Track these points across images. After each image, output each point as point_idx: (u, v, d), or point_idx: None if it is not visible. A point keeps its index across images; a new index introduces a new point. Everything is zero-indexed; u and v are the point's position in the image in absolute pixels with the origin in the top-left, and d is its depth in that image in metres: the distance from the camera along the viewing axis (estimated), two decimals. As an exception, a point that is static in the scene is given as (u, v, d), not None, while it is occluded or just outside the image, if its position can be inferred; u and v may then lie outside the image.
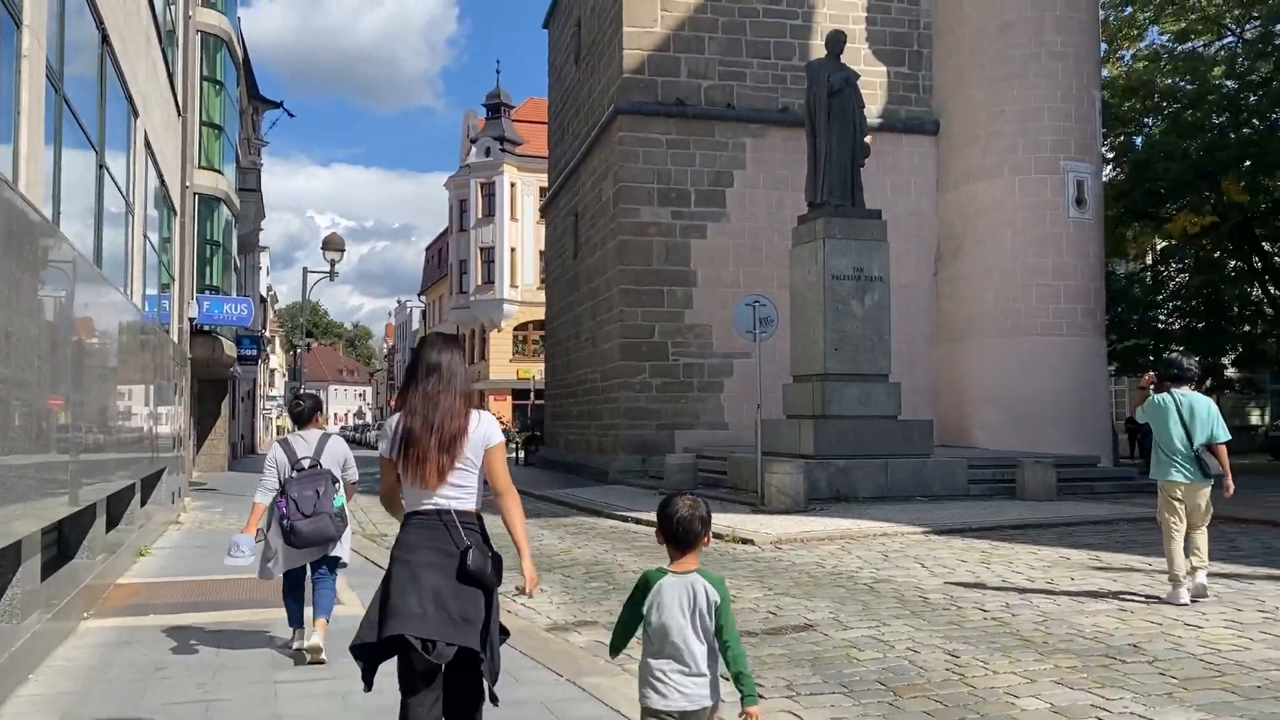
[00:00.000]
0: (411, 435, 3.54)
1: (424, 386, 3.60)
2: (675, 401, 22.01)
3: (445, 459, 3.52)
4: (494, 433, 3.70)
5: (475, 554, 3.46)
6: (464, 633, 3.43)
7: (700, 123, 22.40)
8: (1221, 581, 8.78)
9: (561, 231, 29.54)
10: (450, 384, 3.62)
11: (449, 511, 3.53)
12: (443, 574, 3.45)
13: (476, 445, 3.60)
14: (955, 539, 12.08)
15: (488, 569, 3.49)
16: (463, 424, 3.57)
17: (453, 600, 3.43)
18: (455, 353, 3.71)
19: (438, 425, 3.53)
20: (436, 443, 3.52)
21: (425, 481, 3.51)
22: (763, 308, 15.39)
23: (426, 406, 3.57)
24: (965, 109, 22.66)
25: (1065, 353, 21.41)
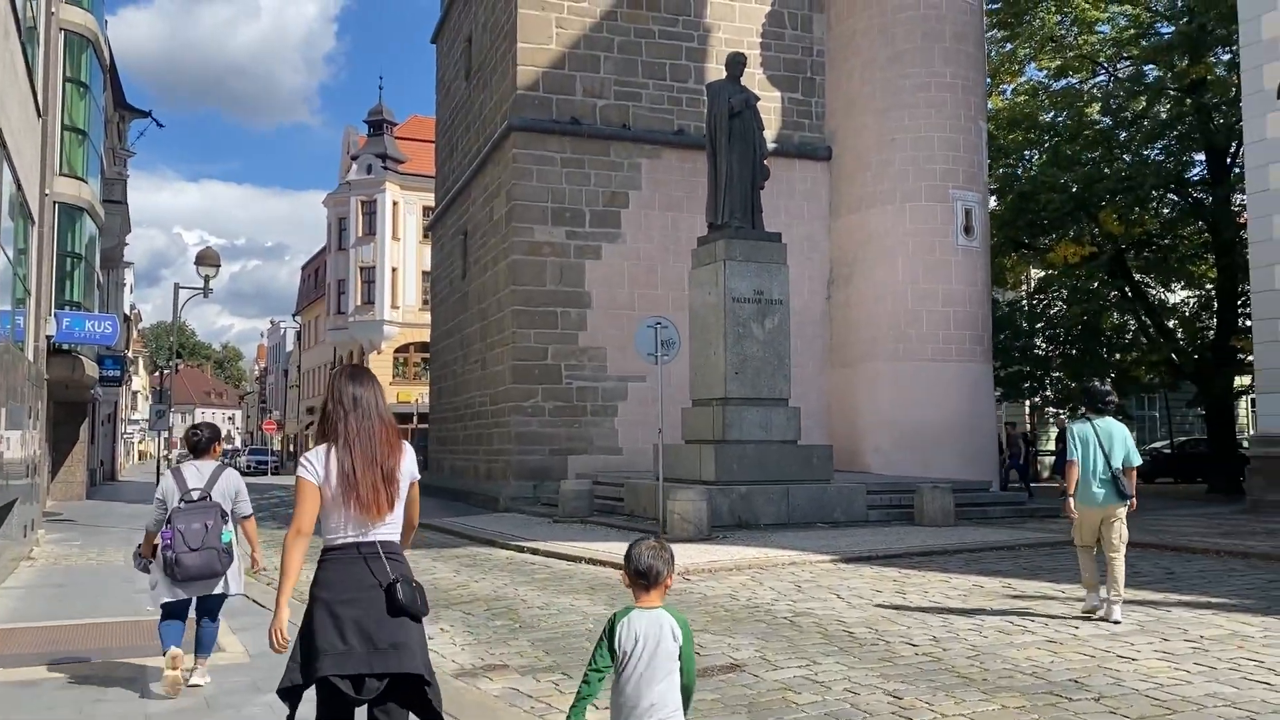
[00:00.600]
0: (352, 471, 3.51)
1: (355, 419, 3.58)
2: (569, 426, 21.45)
3: (392, 493, 3.56)
4: (415, 468, 3.75)
5: (403, 586, 3.47)
6: (397, 658, 3.43)
7: (595, 142, 22.03)
8: (1139, 609, 8.70)
9: (449, 250, 28.73)
10: (382, 416, 3.64)
11: (373, 544, 3.53)
12: (365, 607, 3.43)
13: (405, 478, 3.66)
14: (864, 567, 11.85)
15: (416, 600, 3.50)
16: (398, 458, 3.61)
17: (379, 630, 3.42)
18: (375, 383, 3.72)
19: (380, 461, 3.55)
20: (381, 478, 3.54)
21: (367, 517, 3.51)
22: (665, 330, 15.02)
23: (363, 439, 3.56)
24: (857, 136, 22.88)
25: (955, 378, 21.70)
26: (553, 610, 9.42)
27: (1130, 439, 8.60)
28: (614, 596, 10.07)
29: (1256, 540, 13.46)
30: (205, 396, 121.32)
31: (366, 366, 4.30)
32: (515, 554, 14.12)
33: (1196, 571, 10.98)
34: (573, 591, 10.53)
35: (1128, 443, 8.46)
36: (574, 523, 17.08)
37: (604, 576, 11.56)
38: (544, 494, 20.58)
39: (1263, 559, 11.74)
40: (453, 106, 29.09)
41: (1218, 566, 11.35)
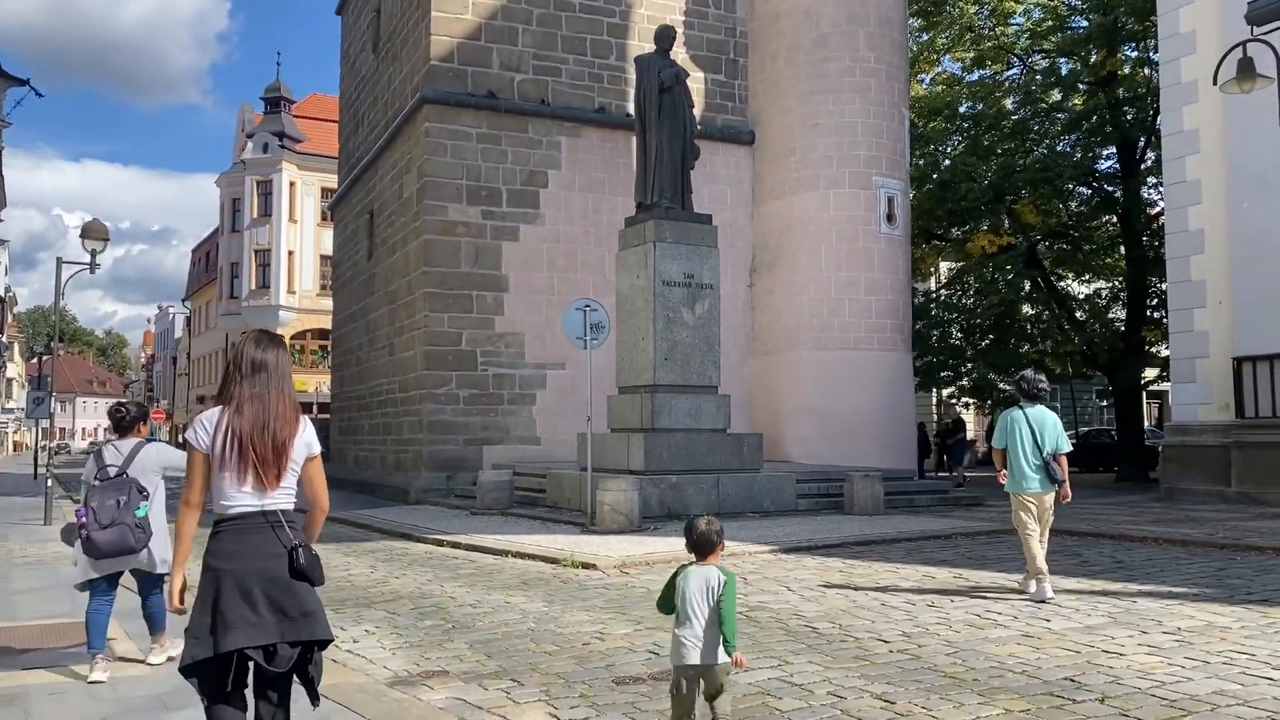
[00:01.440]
0: (243, 436, 3.46)
1: (250, 385, 3.53)
2: (484, 415, 20.59)
3: (283, 461, 3.51)
4: (315, 441, 3.68)
5: (303, 551, 3.47)
6: (310, 626, 3.42)
7: (513, 118, 21.16)
8: (1103, 600, 8.38)
9: (354, 231, 27.48)
10: (280, 384, 3.58)
11: (275, 512, 3.50)
12: (272, 575, 3.40)
13: (301, 450, 3.61)
14: (806, 558, 11.39)
15: (316, 566, 3.51)
16: (294, 428, 3.56)
17: (288, 599, 3.40)
18: (282, 352, 3.66)
19: (272, 427, 3.49)
20: (271, 445, 3.48)
21: (261, 483, 3.47)
22: (594, 312, 14.34)
23: (256, 406, 3.50)
24: (781, 120, 22.51)
25: (877, 367, 21.52)
26: (486, 608, 8.68)
27: (1060, 426, 8.84)
28: (550, 593, 9.38)
29: (1189, 528, 13.45)
30: (87, 385, 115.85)
31: (277, 334, 3.89)
32: (435, 548, 13.28)
33: (1143, 560, 10.79)
34: (504, 588, 9.79)
35: (1058, 430, 8.71)
36: (494, 515, 16.29)
37: (535, 571, 10.84)
38: (458, 486, 19.70)
39: (1201, 546, 11.65)
40: (359, 80, 27.81)
41: (1161, 555, 11.20)
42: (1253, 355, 17.94)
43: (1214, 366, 18.84)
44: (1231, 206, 18.41)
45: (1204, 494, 18.54)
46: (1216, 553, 11.25)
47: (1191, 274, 19.27)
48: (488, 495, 16.64)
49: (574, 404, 20.93)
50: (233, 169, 55.79)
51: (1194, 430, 19.11)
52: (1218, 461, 18.52)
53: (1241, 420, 18.12)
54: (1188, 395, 19.40)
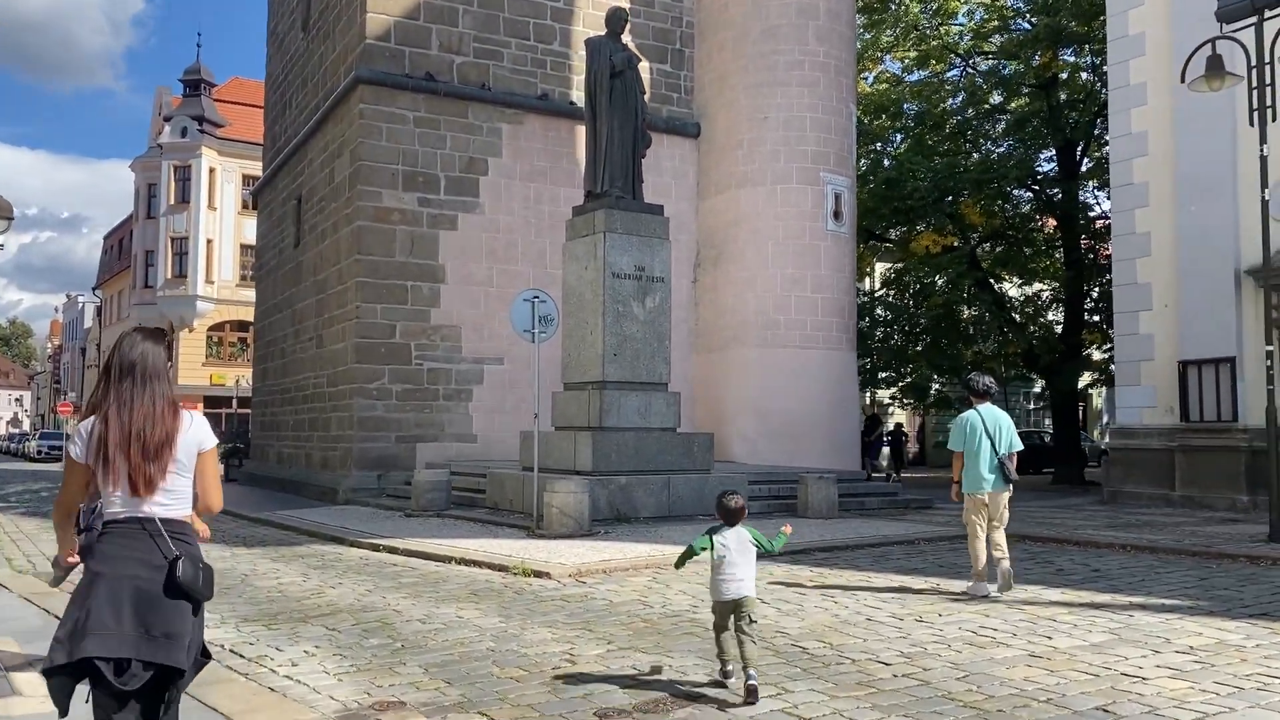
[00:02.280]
0: (109, 444, 3.32)
1: (118, 388, 3.39)
2: (418, 411, 19.66)
3: (153, 468, 3.33)
4: (207, 437, 3.51)
5: (185, 564, 3.27)
6: (166, 649, 3.24)
7: (452, 102, 20.27)
8: (1097, 613, 7.94)
9: (280, 217, 26.24)
10: (148, 384, 3.40)
11: (153, 520, 3.34)
12: (146, 587, 3.25)
13: (189, 448, 3.44)
14: (770, 565, 10.79)
15: (199, 581, 3.31)
16: (170, 428, 3.38)
17: (155, 616, 3.23)
18: (154, 348, 3.48)
19: (137, 432, 3.33)
20: (140, 450, 3.32)
21: (136, 491, 3.32)
22: (543, 304, 13.59)
23: (124, 412, 3.36)
24: (728, 113, 21.97)
25: (822, 366, 21.12)
26: (437, 624, 7.91)
27: (1013, 426, 9.05)
28: (504, 605, 8.64)
29: (1147, 533, 13.22)
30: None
31: (156, 329, 3.71)
32: (370, 553, 12.41)
33: (1119, 568, 10.44)
34: (454, 599, 9.02)
35: (1012, 430, 8.91)
36: (429, 517, 15.43)
37: (483, 580, 10.08)
38: (390, 485, 18.77)
39: (1171, 553, 11.37)
40: (287, 60, 26.56)
41: (1134, 562, 10.87)
42: (1198, 359, 17.94)
43: (1159, 370, 18.82)
44: (1179, 210, 18.39)
45: (1147, 497, 18.50)
46: (1189, 560, 10.96)
47: (1137, 277, 19.24)
48: (424, 496, 15.78)
49: (512, 400, 20.15)
50: (149, 153, 53.55)
51: (1138, 434, 19.07)
52: (1162, 465, 18.50)
53: (1186, 424, 18.10)
54: (1132, 398, 19.36)
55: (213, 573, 3.40)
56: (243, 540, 14.19)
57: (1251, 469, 17.20)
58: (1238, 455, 17.32)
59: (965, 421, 8.86)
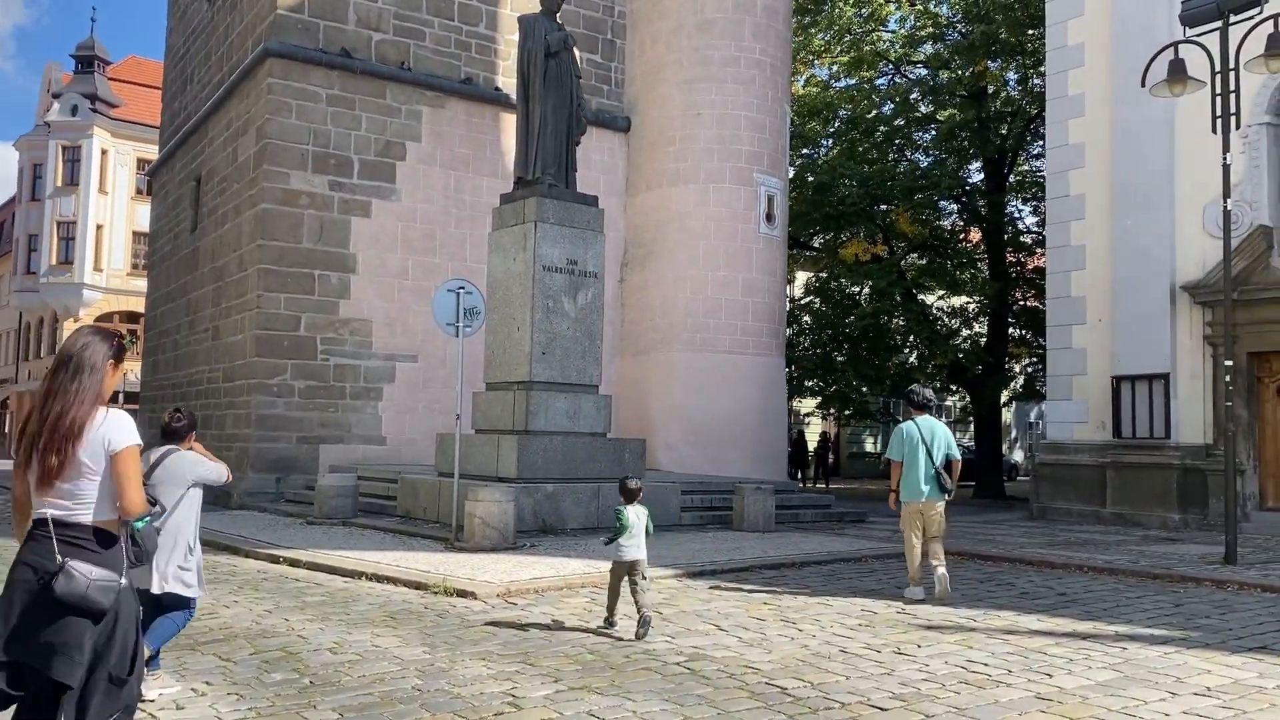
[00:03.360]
0: (28, 434, 3.28)
1: (52, 379, 3.34)
2: (322, 410, 18.29)
3: (53, 460, 3.22)
4: (119, 435, 3.31)
5: (63, 578, 3.09)
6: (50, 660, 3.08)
7: (369, 81, 18.98)
8: (1090, 645, 7.24)
9: (176, 200, 24.49)
10: (78, 377, 3.32)
11: (46, 522, 3.22)
12: (34, 592, 3.13)
13: (94, 448, 3.27)
14: (718, 585, 9.93)
15: (83, 591, 3.10)
16: (79, 421, 3.25)
17: (42, 623, 3.10)
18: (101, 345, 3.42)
19: (51, 423, 3.23)
20: (46, 443, 3.21)
21: (36, 486, 3.26)
22: (469, 295, 12.50)
23: (48, 401, 3.29)
24: (660, 108, 21.13)
25: (752, 372, 20.41)
26: (350, 654, 6.81)
27: (950, 435, 9.24)
28: (427, 631, 7.57)
29: (1098, 552, 12.73)
30: None
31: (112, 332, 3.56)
32: (269, 565, 11.15)
33: (1084, 591, 9.83)
34: (368, 623, 7.90)
35: (949, 439, 9.10)
36: (334, 525, 14.17)
37: (399, 599, 8.97)
38: (289, 490, 17.39)
39: (1132, 575, 10.83)
40: (189, 32, 24.84)
41: (1096, 585, 10.28)
42: (1131, 374, 17.70)
43: (1091, 385, 18.56)
44: (1115, 224, 18.16)
45: (1077, 514, 18.21)
46: (1152, 584, 10.43)
47: (1071, 290, 18.97)
48: (328, 502, 14.49)
49: (426, 401, 18.95)
50: (35, 131, 50.35)
51: (1069, 449, 18.78)
52: (1092, 481, 18.22)
53: (1118, 440, 17.85)
54: (1063, 413, 19.07)
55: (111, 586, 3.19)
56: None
57: (1183, 487, 17.00)
58: (1169, 473, 17.10)
59: (903, 432, 9.05)
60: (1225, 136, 11.81)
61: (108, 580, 3.18)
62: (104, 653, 3.18)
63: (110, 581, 3.18)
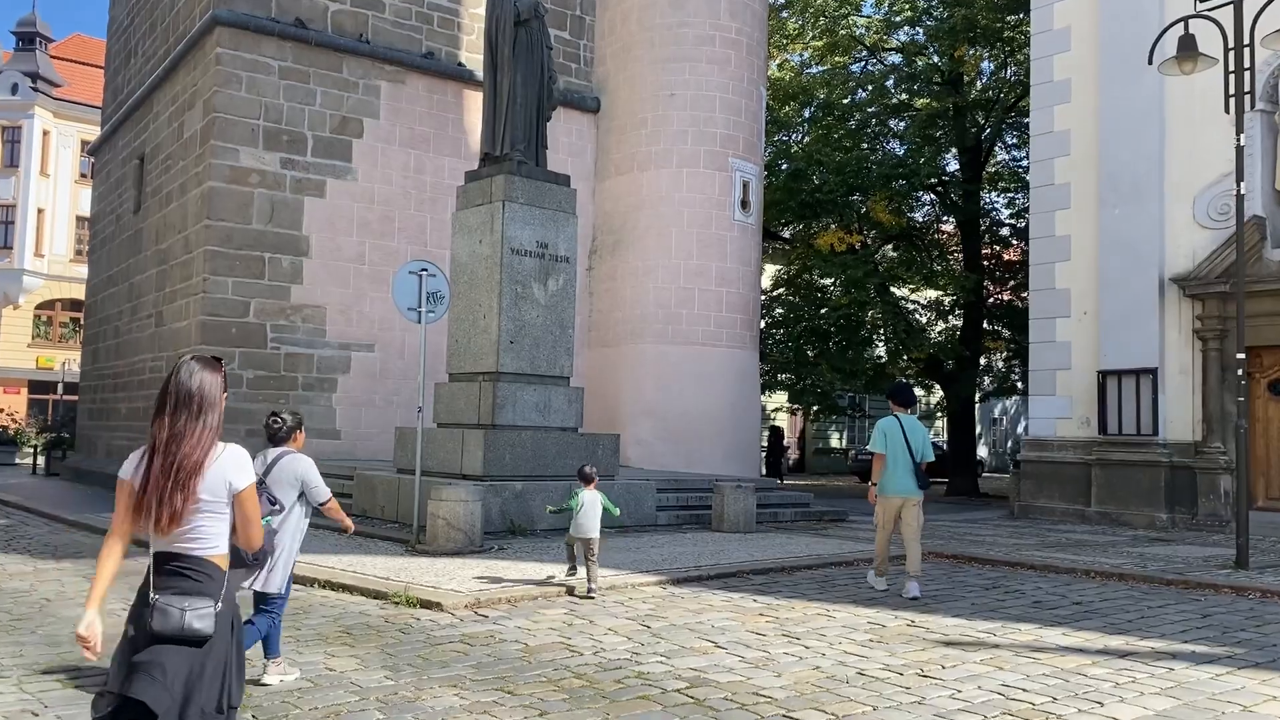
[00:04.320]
0: (151, 474, 3.21)
1: (172, 420, 3.27)
2: (272, 402, 17.13)
3: (179, 503, 3.19)
4: (240, 475, 3.33)
5: (158, 615, 3.10)
6: (137, 684, 3.06)
7: (325, 53, 17.91)
8: (1133, 666, 6.51)
9: (118, 179, 23.20)
10: (201, 417, 3.31)
11: (161, 553, 3.23)
12: (139, 623, 3.16)
13: (213, 483, 3.25)
14: (705, 592, 9.11)
15: (181, 623, 3.09)
16: (202, 462, 3.24)
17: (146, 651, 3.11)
18: (211, 380, 3.40)
19: (176, 467, 3.20)
20: (172, 488, 3.18)
21: (156, 525, 3.20)
22: (432, 278, 11.56)
23: (170, 445, 3.23)
24: (631, 88, 20.26)
25: (725, 366, 19.63)
26: (303, 680, 5.91)
27: (928, 436, 9.48)
28: (389, 650, 6.69)
29: (1097, 555, 12.09)
30: None
31: (214, 358, 3.51)
32: (210, 571, 10.13)
33: (1099, 599, 9.14)
34: (321, 640, 7.00)
35: (927, 439, 9.30)
36: (285, 524, 13.13)
37: (356, 611, 8.06)
38: (238, 485, 16.28)
39: (1141, 580, 10.17)
40: (133, 3, 23.53)
41: (1110, 592, 9.60)
42: (1118, 369, 17.15)
43: (1075, 380, 18.00)
44: (1102, 213, 17.60)
45: (1061, 513, 17.65)
46: (1167, 590, 9.77)
47: (1056, 282, 18.40)
48: (279, 500, 13.45)
49: (384, 393, 17.96)
50: (-29, 109, 48.29)
51: (1052, 446, 18.22)
52: (1077, 479, 17.67)
53: (1104, 437, 17.30)
54: (1046, 409, 18.50)
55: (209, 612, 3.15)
56: (51, 550, 11.69)
57: (1171, 485, 16.48)
58: (1157, 471, 16.57)
59: (886, 427, 9.17)
60: (1239, 116, 11.21)
61: (204, 607, 3.16)
62: (195, 684, 3.14)
63: (206, 608, 3.17)
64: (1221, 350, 16.25)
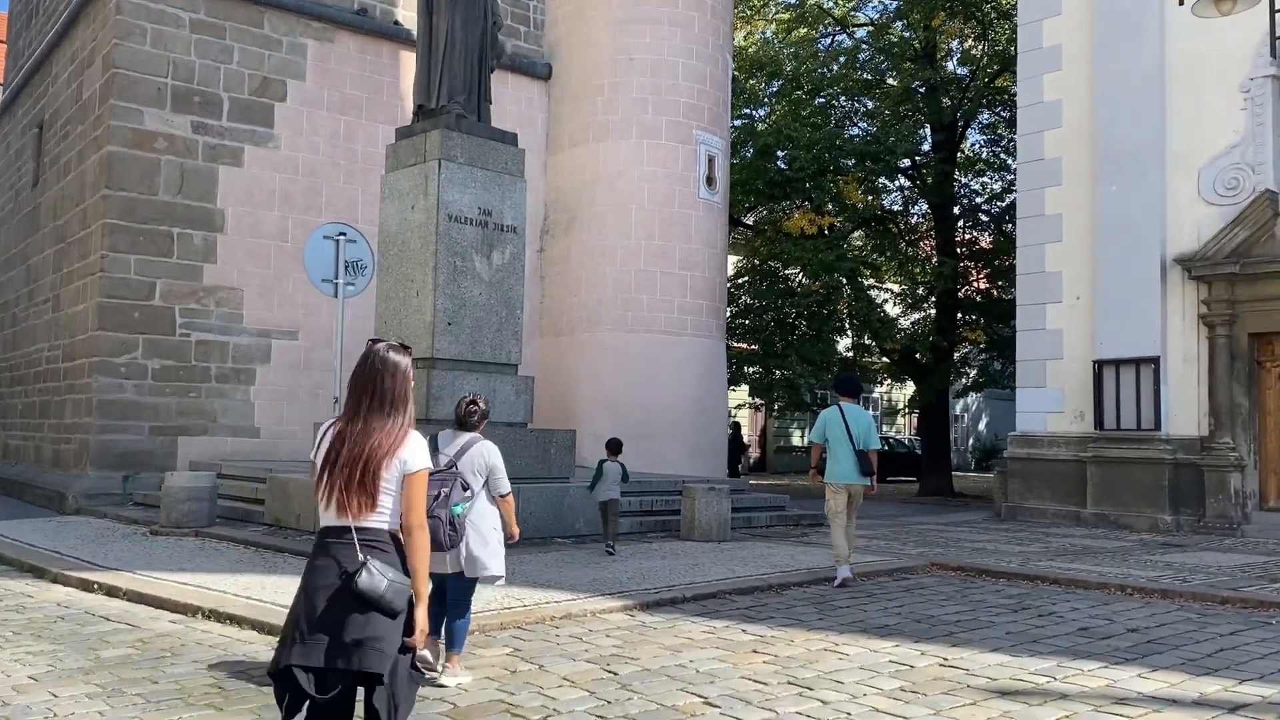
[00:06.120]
0: (337, 457, 3.40)
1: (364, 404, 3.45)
2: (181, 395, 15.26)
3: (368, 482, 3.36)
4: (416, 458, 3.46)
5: (364, 574, 3.24)
6: (358, 655, 3.22)
7: (243, 6, 15.98)
8: None
9: (18, 151, 21.01)
10: (395, 414, 3.46)
11: (349, 529, 3.35)
12: (337, 596, 3.27)
13: (396, 468, 3.43)
14: (681, 620, 7.44)
15: (381, 589, 3.24)
16: (394, 449, 3.41)
17: (347, 623, 3.24)
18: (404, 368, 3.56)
19: (365, 453, 3.37)
20: (362, 474, 3.35)
21: (340, 506, 3.36)
22: (352, 244, 9.83)
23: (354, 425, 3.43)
24: (586, 51, 18.53)
25: (689, 356, 17.98)
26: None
27: (873, 424, 9.64)
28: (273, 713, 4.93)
29: (1131, 566, 10.62)
30: None
31: (402, 344, 3.63)
32: (79, 594, 8.30)
33: (1153, 624, 7.60)
34: (181, 702, 5.23)
35: (871, 427, 9.42)
36: (185, 536, 11.30)
37: (240, 652, 6.30)
38: (139, 491, 14.36)
39: (1192, 598, 8.67)
40: (36, -43, 21.33)
41: (1165, 615, 8.06)
42: (1115, 359, 15.80)
43: (1068, 370, 16.64)
44: (1098, 189, 16.25)
45: (1053, 514, 16.28)
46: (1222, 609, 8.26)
47: (1046, 265, 17.02)
48: (178, 507, 11.59)
49: (309, 385, 16.09)
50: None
51: (1043, 442, 16.83)
52: (1070, 478, 16.30)
53: (1100, 432, 15.93)
54: (1035, 402, 17.12)
55: (405, 587, 3.32)
56: None
57: (1175, 485, 15.14)
58: (1160, 469, 15.22)
59: (828, 416, 9.37)
60: (1287, 61, 9.76)
61: (402, 582, 3.30)
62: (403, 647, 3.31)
63: (403, 584, 3.31)
64: (1230, 337, 14.95)
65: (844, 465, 9.14)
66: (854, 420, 9.21)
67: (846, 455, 9.12)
